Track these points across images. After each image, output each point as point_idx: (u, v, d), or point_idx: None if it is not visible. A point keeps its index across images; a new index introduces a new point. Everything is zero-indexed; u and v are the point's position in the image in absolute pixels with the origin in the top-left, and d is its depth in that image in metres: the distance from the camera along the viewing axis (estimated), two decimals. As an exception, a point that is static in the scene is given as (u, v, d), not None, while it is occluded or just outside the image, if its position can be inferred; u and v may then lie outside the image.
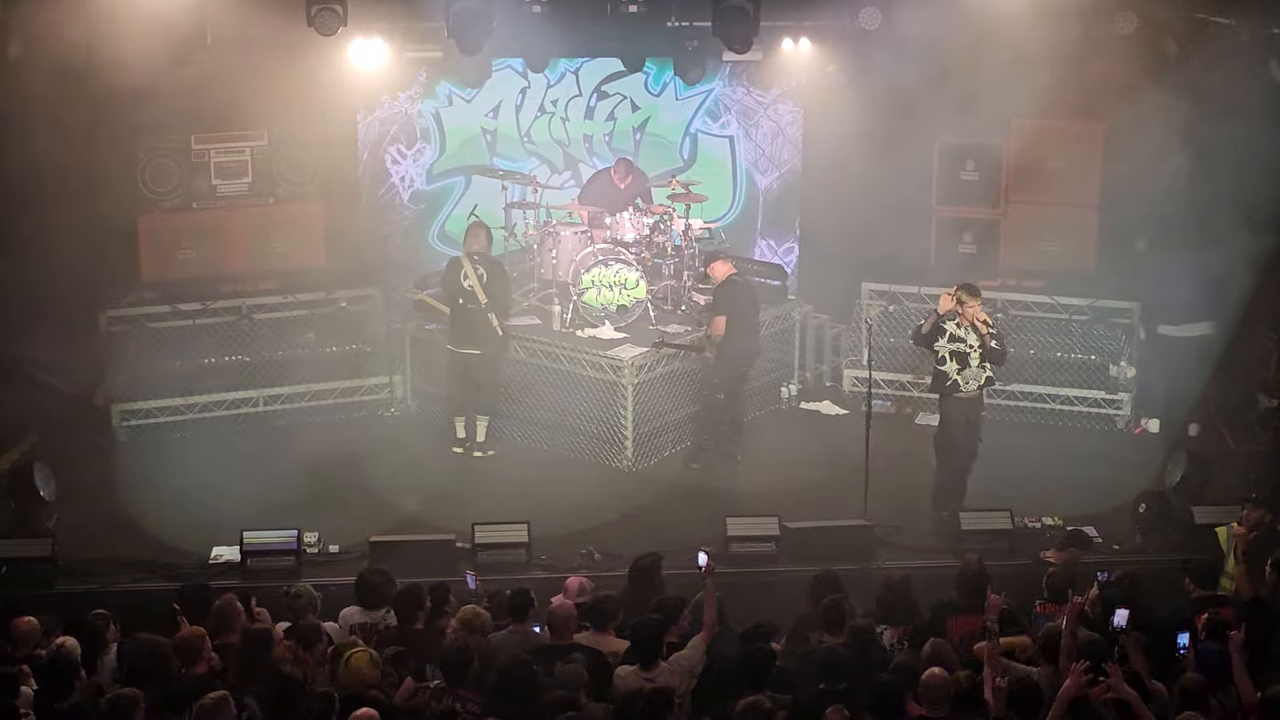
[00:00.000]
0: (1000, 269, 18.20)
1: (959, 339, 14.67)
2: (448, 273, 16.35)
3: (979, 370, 14.73)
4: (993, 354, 14.65)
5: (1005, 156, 18.31)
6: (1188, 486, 15.17)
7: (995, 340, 14.62)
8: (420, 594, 11.38)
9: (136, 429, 16.77)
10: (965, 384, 14.76)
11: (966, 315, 14.61)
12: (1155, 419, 17.00)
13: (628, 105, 19.57)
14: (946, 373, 14.76)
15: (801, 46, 18.39)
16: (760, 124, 19.80)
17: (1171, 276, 16.49)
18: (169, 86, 16.19)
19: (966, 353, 14.66)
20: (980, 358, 14.65)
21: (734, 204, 19.97)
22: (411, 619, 11.27)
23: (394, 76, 18.37)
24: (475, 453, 16.39)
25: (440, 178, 19.33)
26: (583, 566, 13.94)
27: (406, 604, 11.34)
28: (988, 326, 14.63)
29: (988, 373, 14.77)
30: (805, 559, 13.78)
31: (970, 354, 14.65)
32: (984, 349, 14.60)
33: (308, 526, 14.27)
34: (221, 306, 17.33)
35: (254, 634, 10.66)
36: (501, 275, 16.30)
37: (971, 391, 14.81)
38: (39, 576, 13.67)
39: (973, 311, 14.61)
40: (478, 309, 16.01)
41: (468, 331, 16.13)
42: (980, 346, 14.61)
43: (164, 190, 17.61)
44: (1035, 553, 14.12)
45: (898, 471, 15.55)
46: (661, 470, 16.29)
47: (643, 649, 10.62)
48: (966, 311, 14.61)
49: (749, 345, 16.28)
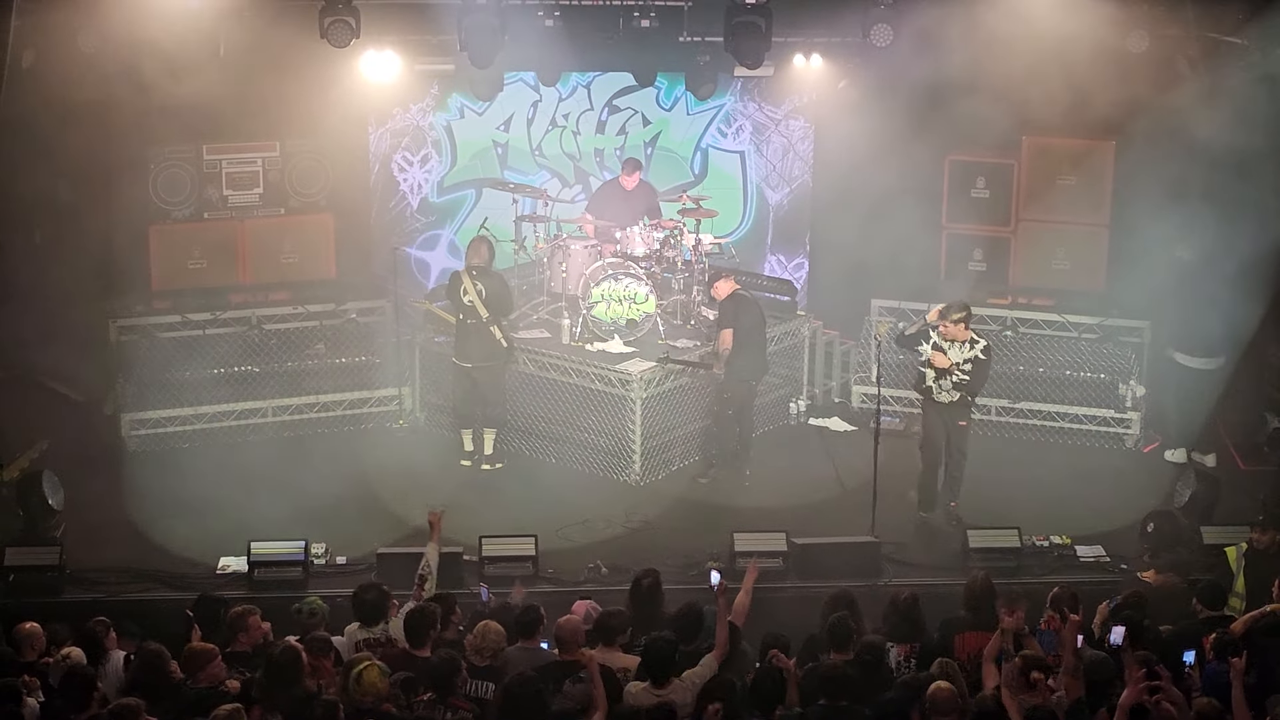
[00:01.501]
0: (1010, 287, 18.21)
1: (940, 349, 14.78)
2: (449, 287, 16.37)
3: (953, 389, 14.84)
4: (963, 385, 14.83)
5: (1016, 174, 18.31)
6: (1197, 506, 15.13)
7: (967, 378, 14.81)
8: (433, 616, 11.30)
9: (146, 438, 16.77)
10: (938, 394, 14.95)
11: (947, 332, 14.73)
12: (1180, 449, 16.85)
13: (639, 120, 19.58)
14: (924, 377, 15.03)
15: (813, 62, 18.39)
16: (771, 140, 19.82)
17: (1183, 297, 16.49)
18: (181, 97, 16.23)
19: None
20: (953, 382, 14.81)
21: (744, 219, 19.98)
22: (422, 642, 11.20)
23: (406, 89, 18.44)
24: (484, 465, 16.39)
25: (451, 190, 19.35)
26: (590, 580, 13.96)
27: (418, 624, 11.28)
28: (959, 369, 14.76)
29: (962, 391, 14.91)
30: (813, 575, 13.79)
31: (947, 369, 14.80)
32: (958, 377, 14.74)
33: (315, 537, 14.27)
34: (231, 317, 17.42)
35: (283, 653, 10.59)
36: (502, 287, 16.29)
37: (946, 400, 14.91)
38: (47, 585, 13.69)
39: (953, 332, 14.71)
40: (479, 323, 16.02)
41: (471, 345, 16.14)
42: (959, 366, 14.70)
43: (175, 200, 17.67)
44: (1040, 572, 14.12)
45: (906, 488, 15.52)
46: (669, 485, 16.28)
47: (656, 667, 10.59)
48: (946, 329, 14.73)
49: (757, 361, 16.27)
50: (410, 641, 11.16)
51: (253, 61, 16.54)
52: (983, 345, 14.93)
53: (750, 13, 14.91)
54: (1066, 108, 17.01)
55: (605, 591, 13.19)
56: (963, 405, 15.04)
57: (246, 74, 16.62)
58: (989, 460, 15.97)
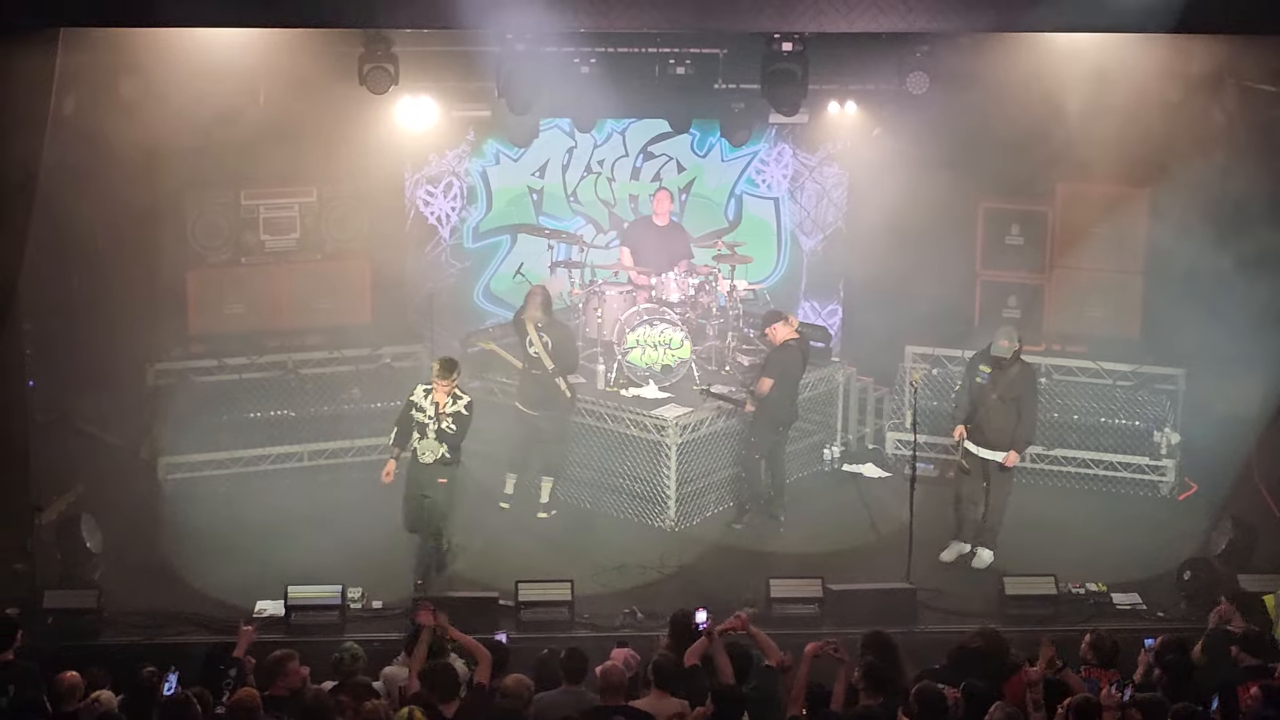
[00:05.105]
0: (1045, 334, 18.18)
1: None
2: (515, 331, 16.44)
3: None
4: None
5: (1051, 221, 18.31)
6: (1233, 553, 15.09)
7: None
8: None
9: (182, 482, 16.85)
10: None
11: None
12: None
13: (674, 166, 19.67)
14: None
15: (848, 109, 18.46)
16: (805, 186, 19.89)
17: (1217, 340, 16.46)
18: (221, 142, 16.39)
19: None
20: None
21: (778, 265, 20.04)
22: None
23: (442, 135, 18.52)
24: (539, 514, 16.38)
25: (486, 235, 19.43)
26: (626, 626, 13.95)
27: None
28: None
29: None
30: (849, 621, 13.73)
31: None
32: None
33: (352, 582, 14.30)
34: (268, 361, 17.46)
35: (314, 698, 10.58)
36: (568, 341, 16.39)
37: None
38: (85, 628, 13.74)
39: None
40: (544, 374, 16.08)
41: (537, 394, 16.18)
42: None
43: (213, 245, 17.71)
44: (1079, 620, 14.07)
45: (941, 534, 15.50)
46: (704, 530, 16.28)
47: (728, 713, 10.56)
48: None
49: (789, 409, 16.26)
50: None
51: (291, 107, 16.65)
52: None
53: (787, 60, 14.93)
54: (1101, 155, 17.07)
55: (641, 637, 13.18)
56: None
57: (285, 120, 16.72)
58: (1025, 507, 15.95)
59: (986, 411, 14.99)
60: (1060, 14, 13.01)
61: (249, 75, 16.12)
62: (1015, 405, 14.97)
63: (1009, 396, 14.95)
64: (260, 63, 15.46)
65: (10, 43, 12.99)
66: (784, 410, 16.19)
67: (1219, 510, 16.28)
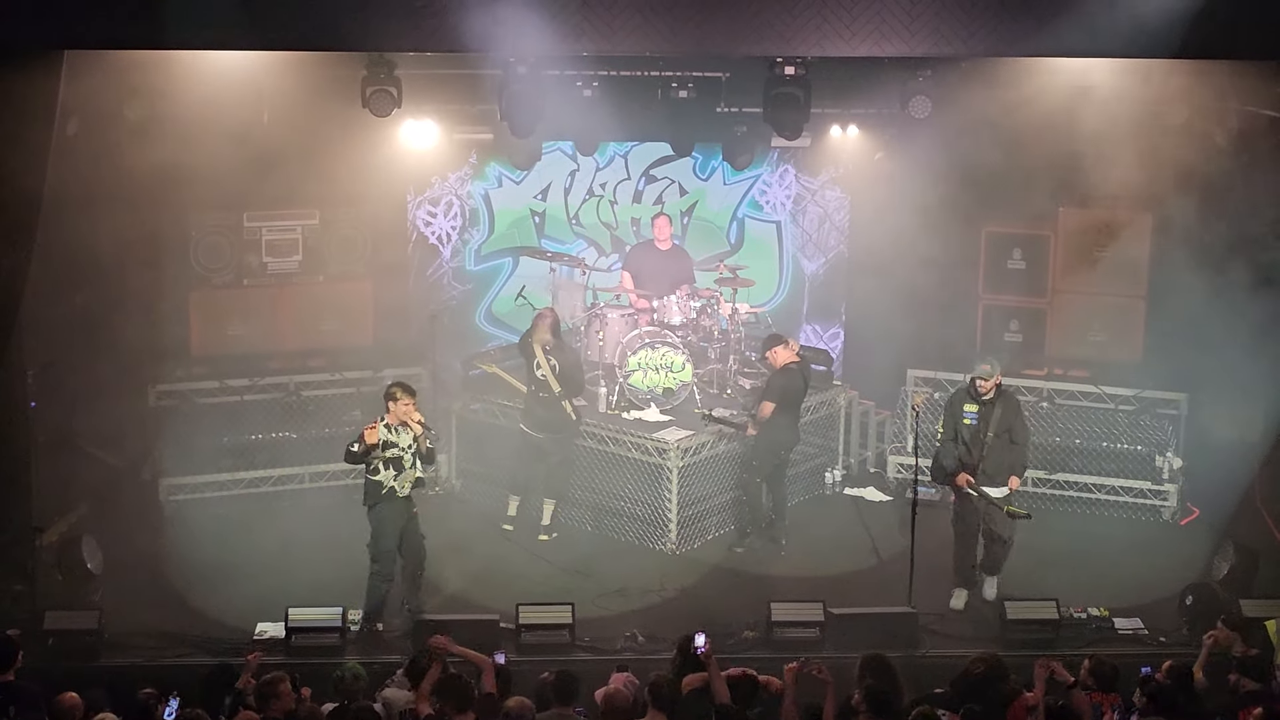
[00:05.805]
0: (1047, 358, 18.17)
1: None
2: (522, 354, 16.44)
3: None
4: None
5: (1053, 246, 18.32)
6: (1235, 578, 15.07)
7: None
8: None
9: (183, 503, 16.85)
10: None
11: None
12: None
13: (676, 189, 19.70)
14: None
15: (850, 133, 18.52)
16: (808, 210, 19.92)
17: (1219, 365, 16.44)
18: (224, 164, 16.37)
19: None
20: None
21: (780, 289, 20.05)
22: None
23: (445, 157, 18.61)
24: (541, 536, 16.36)
25: (488, 258, 19.45)
26: (627, 649, 13.92)
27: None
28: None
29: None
30: (850, 645, 13.71)
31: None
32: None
33: (352, 603, 14.27)
34: (270, 383, 17.47)
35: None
36: (575, 365, 16.39)
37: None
38: (85, 649, 13.70)
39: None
40: (551, 397, 16.08)
41: (542, 416, 16.19)
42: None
43: (215, 266, 17.74)
44: (1081, 644, 14.05)
45: (943, 558, 15.48)
46: (705, 553, 16.26)
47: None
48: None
49: (789, 433, 16.24)
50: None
51: (295, 130, 16.71)
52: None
53: (789, 84, 14.95)
54: (1103, 179, 17.09)
55: (642, 660, 13.16)
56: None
57: (288, 143, 16.78)
58: (1026, 531, 15.89)
59: (986, 451, 14.88)
60: (1062, 39, 13.02)
61: (253, 98, 16.19)
62: (1008, 436, 14.92)
63: (1002, 430, 14.90)
64: (264, 86, 15.52)
65: (14, 65, 13.03)
66: (785, 434, 16.17)
67: (1221, 535, 16.23)
